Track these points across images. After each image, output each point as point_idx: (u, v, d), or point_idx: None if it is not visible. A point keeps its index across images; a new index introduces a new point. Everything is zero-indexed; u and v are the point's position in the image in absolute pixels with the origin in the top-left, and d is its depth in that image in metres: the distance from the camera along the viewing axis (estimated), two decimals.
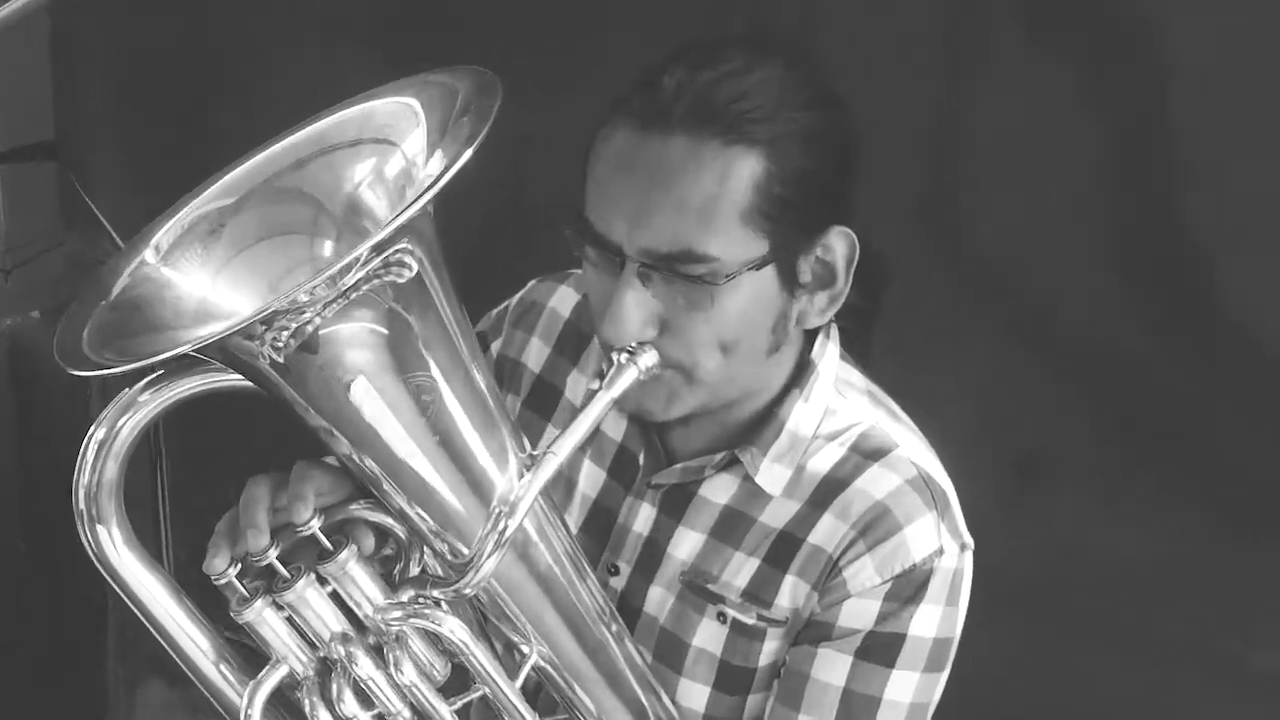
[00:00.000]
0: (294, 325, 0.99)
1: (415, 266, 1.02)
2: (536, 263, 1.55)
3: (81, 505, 1.15)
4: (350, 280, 0.98)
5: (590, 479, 1.43)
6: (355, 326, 1.02)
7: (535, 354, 1.49)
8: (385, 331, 1.04)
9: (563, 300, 1.50)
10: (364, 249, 0.95)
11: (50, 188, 2.84)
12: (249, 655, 1.21)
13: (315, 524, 1.11)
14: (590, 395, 1.42)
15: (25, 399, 2.52)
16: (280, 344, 1.00)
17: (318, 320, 0.99)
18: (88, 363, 1.00)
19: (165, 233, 1.17)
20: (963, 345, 2.05)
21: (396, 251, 1.00)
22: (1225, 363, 1.87)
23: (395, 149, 1.17)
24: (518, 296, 1.54)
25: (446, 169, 0.98)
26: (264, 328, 0.98)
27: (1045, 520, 2.05)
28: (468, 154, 1.00)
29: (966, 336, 2.05)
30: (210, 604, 1.20)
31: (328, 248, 1.18)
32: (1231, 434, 1.88)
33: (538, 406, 1.48)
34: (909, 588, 1.27)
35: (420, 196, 0.97)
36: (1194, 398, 1.90)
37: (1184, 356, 1.90)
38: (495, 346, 1.52)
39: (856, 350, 1.43)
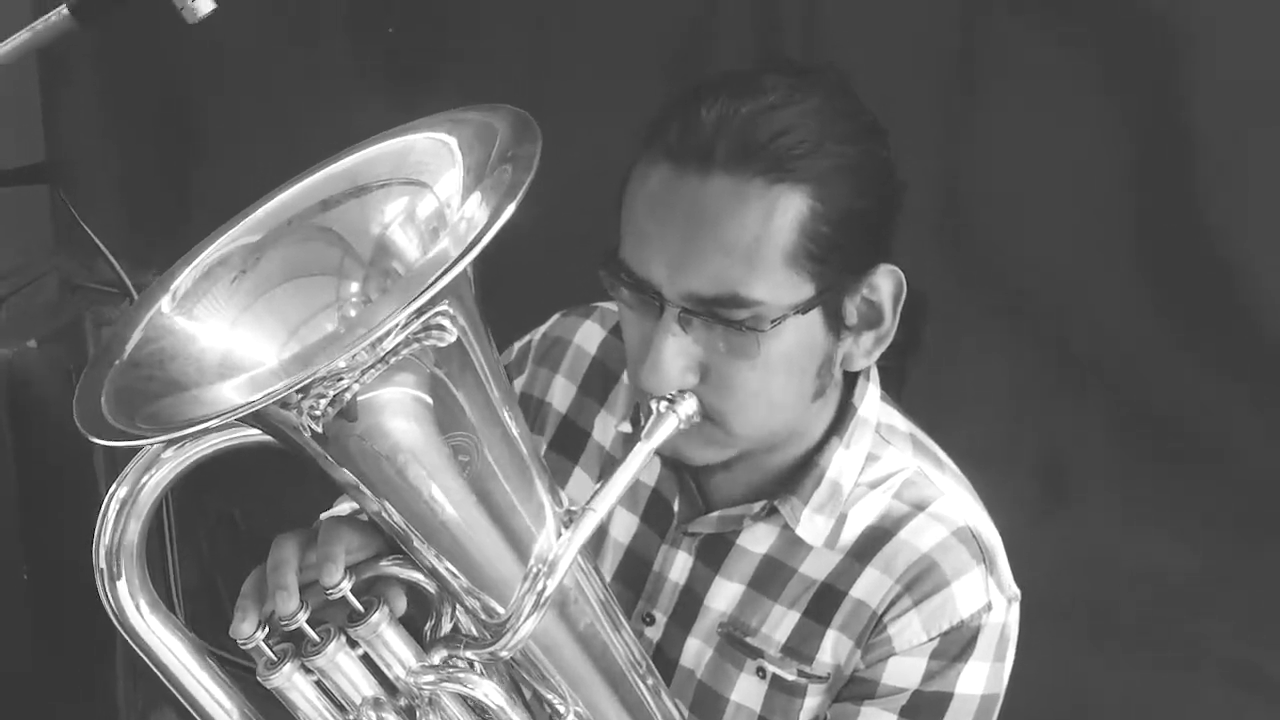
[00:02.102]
0: (332, 393, 0.94)
1: (455, 332, 0.98)
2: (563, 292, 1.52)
3: (103, 564, 1.10)
4: (390, 345, 0.93)
5: (624, 525, 1.39)
6: (395, 392, 0.97)
7: (561, 393, 1.45)
8: (425, 396, 0.99)
9: (588, 336, 1.45)
10: (404, 315, 0.90)
11: (42, 211, 2.80)
12: (276, 717, 1.16)
13: (346, 586, 1.07)
14: (622, 439, 1.39)
15: (23, 430, 2.48)
16: (318, 412, 0.95)
17: (356, 387, 0.94)
18: (115, 432, 0.95)
19: (184, 278, 1.11)
20: (989, 359, 2.04)
21: (436, 314, 0.96)
22: (1252, 373, 1.87)
23: (428, 189, 1.12)
24: (541, 331, 1.49)
25: (489, 224, 0.93)
26: (301, 395, 0.94)
27: (1072, 529, 2.05)
28: (511, 207, 0.94)
29: (993, 350, 2.04)
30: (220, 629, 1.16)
31: (354, 290, 1.12)
32: (1258, 443, 1.88)
33: (565, 449, 1.44)
34: (956, 645, 1.24)
35: (465, 253, 0.92)
36: (1221, 408, 1.90)
37: (1210, 368, 1.90)
38: (519, 383, 1.47)
39: (893, 386, 1.40)
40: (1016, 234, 1.98)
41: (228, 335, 1.08)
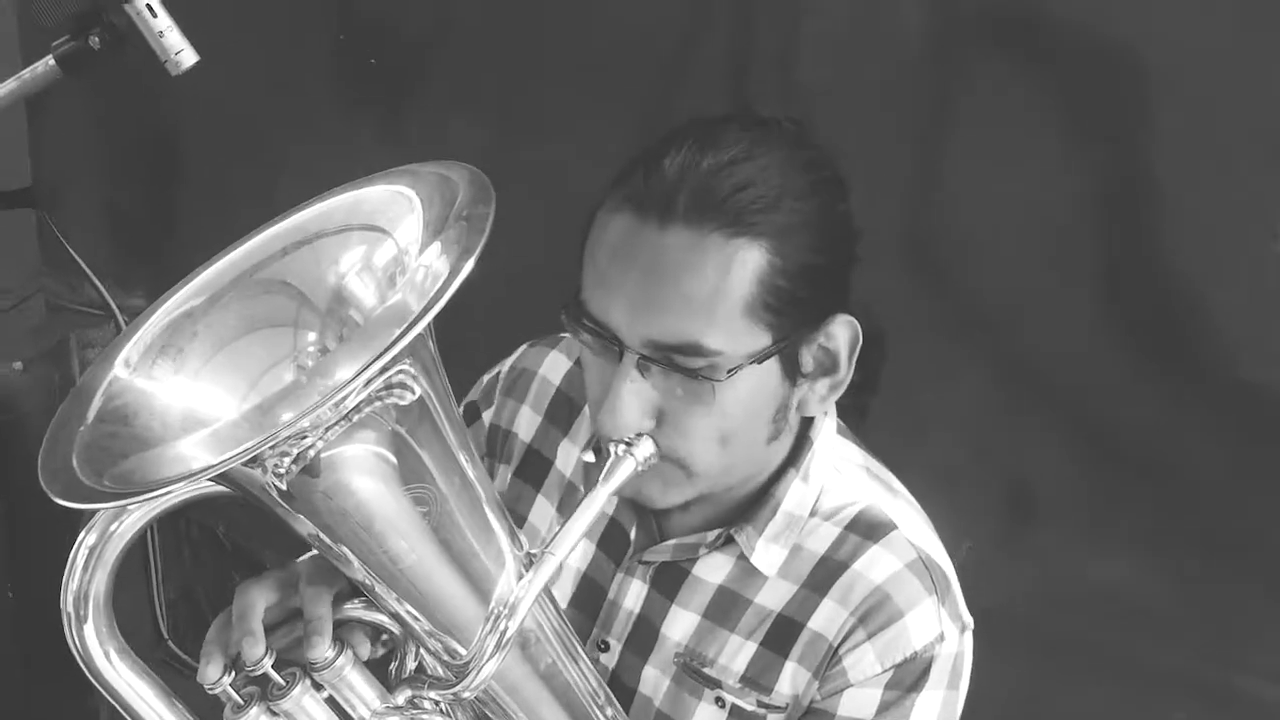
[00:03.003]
0: (296, 450, 0.96)
1: (417, 390, 1.00)
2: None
3: (70, 608, 1.13)
4: (352, 403, 0.95)
5: (580, 552, 1.42)
6: (357, 449, 0.99)
7: (526, 423, 1.47)
8: (386, 453, 1.01)
9: (553, 367, 1.48)
10: (362, 379, 0.92)
11: (28, 235, 2.83)
12: None
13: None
14: (584, 467, 1.41)
15: (8, 450, 2.50)
16: (282, 469, 0.97)
17: (320, 444, 0.96)
18: (85, 492, 0.97)
19: (133, 345, 1.12)
20: (956, 384, 2.08)
21: (398, 372, 0.98)
22: (1211, 400, 1.90)
23: (387, 236, 1.13)
24: (509, 363, 1.52)
25: (445, 286, 0.95)
26: (266, 453, 0.96)
27: (1036, 552, 2.08)
28: (467, 267, 0.96)
29: (959, 376, 2.07)
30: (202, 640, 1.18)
31: (311, 339, 1.14)
32: (1217, 467, 1.91)
33: (528, 476, 1.46)
34: (910, 676, 1.26)
35: (420, 318, 0.93)
36: (1181, 433, 1.93)
37: (1171, 394, 1.93)
38: (487, 416, 1.50)
39: (852, 421, 1.42)
40: (983, 263, 2.02)
41: (189, 390, 1.10)
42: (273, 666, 1.10)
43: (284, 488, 0.99)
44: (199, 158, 2.83)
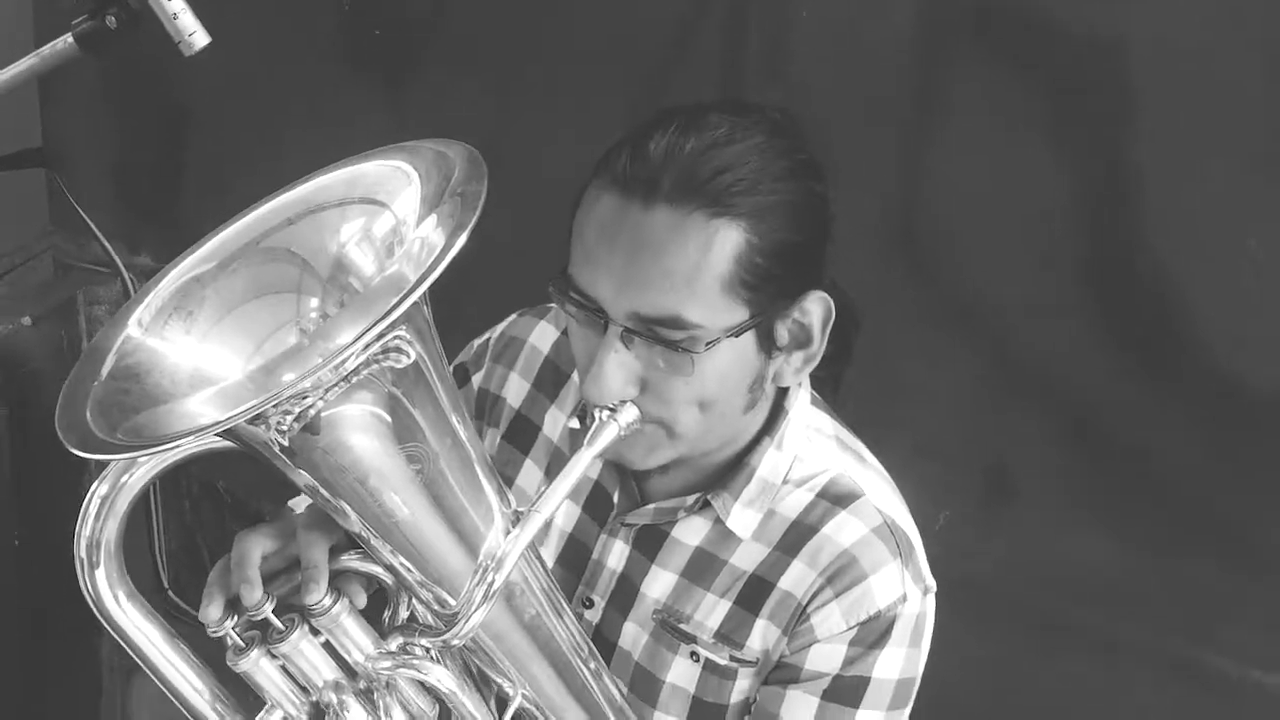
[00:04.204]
0: (298, 409, 1.02)
1: (412, 354, 1.06)
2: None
3: (83, 554, 1.20)
4: (351, 365, 1.01)
5: (566, 514, 1.48)
6: (355, 408, 1.05)
7: (515, 389, 1.53)
8: (382, 412, 1.07)
9: (542, 336, 1.53)
10: (361, 344, 0.98)
11: (39, 194, 2.87)
12: (242, 695, 1.26)
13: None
14: (570, 433, 1.47)
15: (17, 402, 2.56)
16: (285, 427, 1.03)
17: (320, 404, 1.02)
18: (99, 444, 1.03)
19: (155, 295, 1.19)
20: (937, 365, 2.13)
21: (394, 338, 1.04)
22: (1178, 385, 1.95)
23: (385, 209, 1.19)
24: (499, 330, 1.57)
25: (439, 259, 1.01)
26: (270, 411, 1.02)
27: (1010, 526, 2.14)
28: (460, 241, 1.02)
29: (940, 357, 2.12)
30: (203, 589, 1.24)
31: (313, 305, 1.20)
32: (1182, 449, 1.96)
33: (517, 441, 1.52)
34: (873, 634, 1.33)
35: (414, 289, 0.99)
36: (1150, 416, 1.98)
37: (1141, 378, 1.97)
38: (476, 379, 1.55)
39: (827, 391, 1.48)
40: (966, 250, 2.06)
41: (197, 350, 1.16)
42: (273, 613, 1.17)
43: (286, 444, 1.05)
44: (205, 123, 2.86)
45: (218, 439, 1.14)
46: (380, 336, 1.01)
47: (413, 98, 2.60)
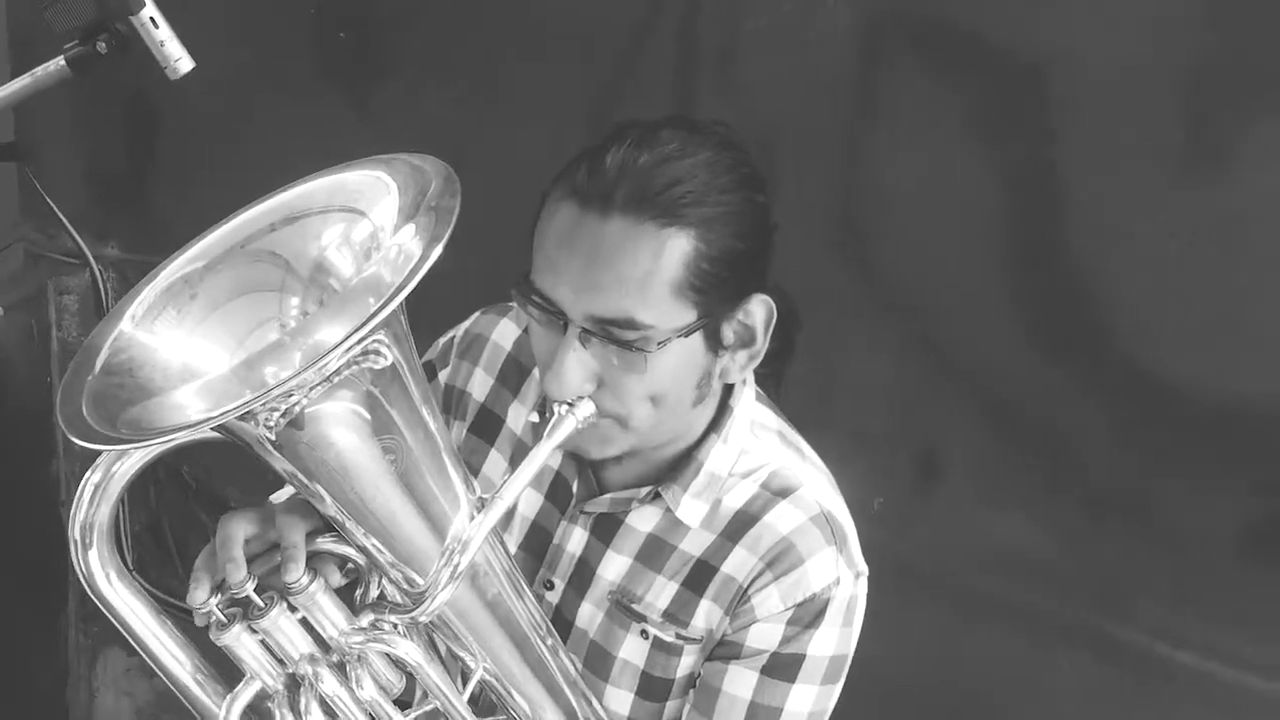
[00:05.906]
0: (284, 406, 1.10)
1: (390, 357, 1.14)
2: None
3: (77, 536, 1.28)
4: (333, 367, 1.09)
5: (530, 502, 1.57)
6: (336, 406, 1.14)
7: (479, 385, 1.61)
8: (361, 409, 1.16)
9: (504, 334, 1.61)
10: (341, 347, 1.05)
11: (10, 187, 2.91)
12: (223, 668, 1.34)
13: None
14: (532, 427, 1.56)
15: None
16: (271, 422, 1.11)
17: (304, 401, 1.11)
18: (99, 436, 1.11)
19: (137, 305, 1.25)
20: (874, 357, 2.21)
21: (373, 342, 1.12)
22: (1101, 374, 2.03)
23: (364, 216, 1.26)
24: (463, 328, 1.65)
25: (415, 270, 1.09)
26: (260, 409, 1.10)
27: (942, 510, 2.23)
28: (437, 251, 1.10)
29: (877, 349, 2.21)
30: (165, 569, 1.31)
31: (294, 304, 1.27)
32: (1104, 435, 2.05)
33: (482, 433, 1.61)
34: (809, 614, 1.43)
35: (398, 292, 1.07)
36: (1074, 403, 2.06)
37: (1066, 367, 2.06)
38: (443, 375, 1.63)
39: (770, 387, 1.58)
40: (901, 249, 2.15)
41: (186, 345, 1.23)
42: (254, 591, 1.25)
43: (273, 438, 1.13)
44: (173, 119, 2.90)
45: (210, 431, 1.22)
46: (362, 340, 1.08)
47: (377, 100, 2.65)
